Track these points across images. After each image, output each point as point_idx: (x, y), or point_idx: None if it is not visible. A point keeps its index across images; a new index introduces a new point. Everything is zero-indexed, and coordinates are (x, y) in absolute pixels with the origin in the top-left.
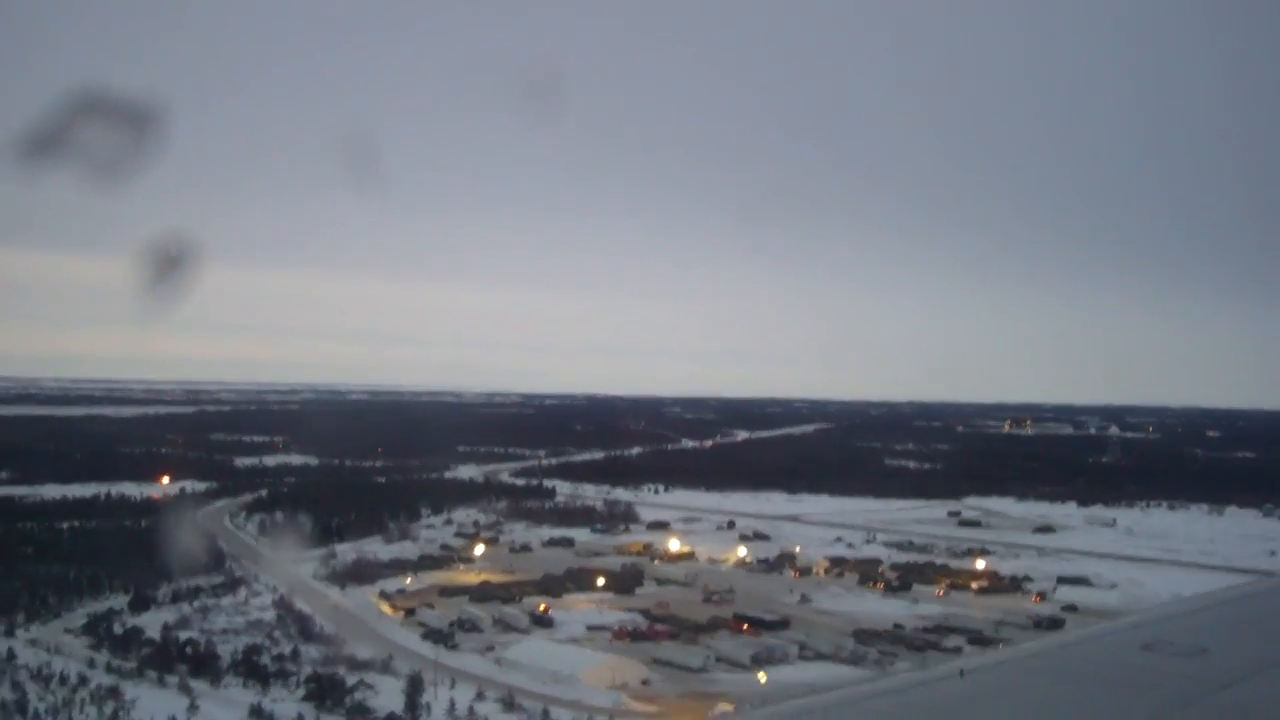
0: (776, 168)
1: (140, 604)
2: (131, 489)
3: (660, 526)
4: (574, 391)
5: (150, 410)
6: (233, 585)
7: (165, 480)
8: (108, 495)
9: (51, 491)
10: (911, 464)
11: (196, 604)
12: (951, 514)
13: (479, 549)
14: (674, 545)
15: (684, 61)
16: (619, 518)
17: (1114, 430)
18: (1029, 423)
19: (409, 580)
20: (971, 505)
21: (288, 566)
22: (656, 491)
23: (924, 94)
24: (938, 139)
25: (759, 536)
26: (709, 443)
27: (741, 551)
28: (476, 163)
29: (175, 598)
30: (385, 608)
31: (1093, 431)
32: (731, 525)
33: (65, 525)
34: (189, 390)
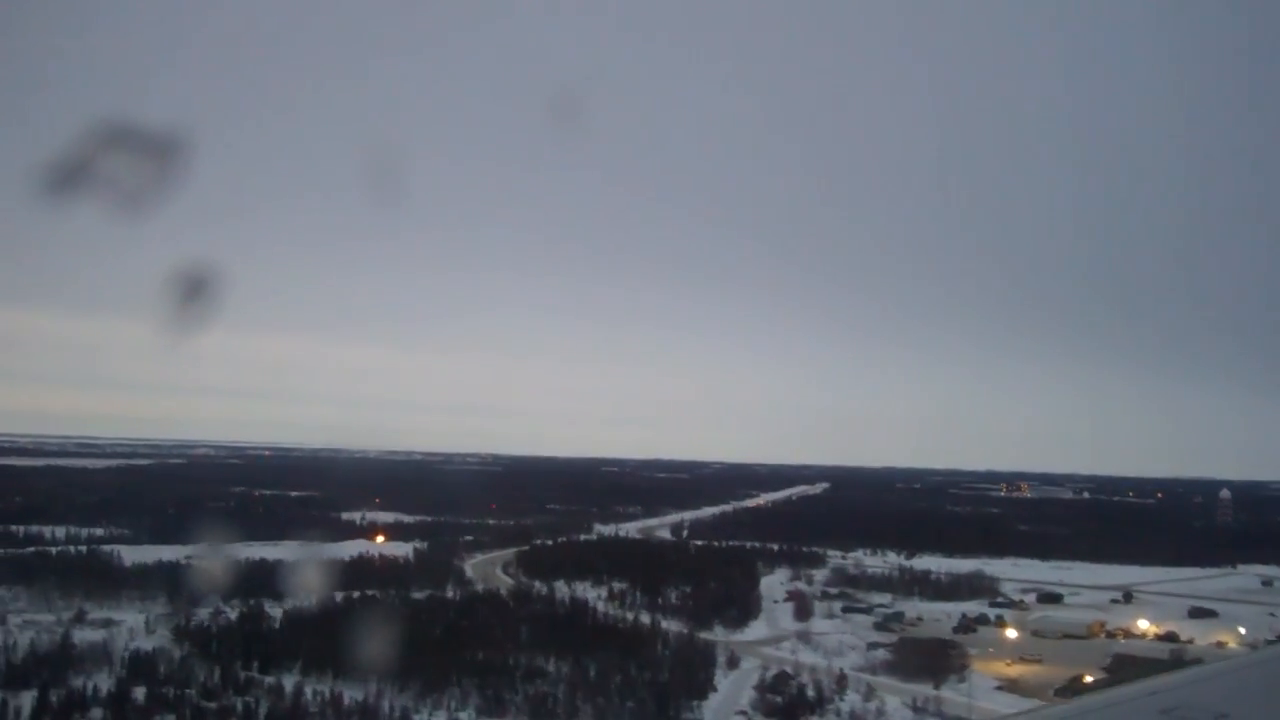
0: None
1: None
2: (333, 548)
3: (1052, 600)
4: (511, 452)
5: (172, 462)
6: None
7: (380, 539)
8: (365, 556)
9: (254, 551)
10: (1028, 528)
11: None
12: (1265, 583)
13: (1010, 632)
14: (1142, 624)
15: (680, 124)
16: (985, 591)
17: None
18: (1025, 487)
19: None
20: (1246, 573)
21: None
22: (906, 558)
23: (933, 156)
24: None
25: (1206, 614)
26: (750, 504)
27: (1242, 630)
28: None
29: None
30: None
31: (1089, 495)
32: (1128, 598)
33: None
34: (151, 448)
